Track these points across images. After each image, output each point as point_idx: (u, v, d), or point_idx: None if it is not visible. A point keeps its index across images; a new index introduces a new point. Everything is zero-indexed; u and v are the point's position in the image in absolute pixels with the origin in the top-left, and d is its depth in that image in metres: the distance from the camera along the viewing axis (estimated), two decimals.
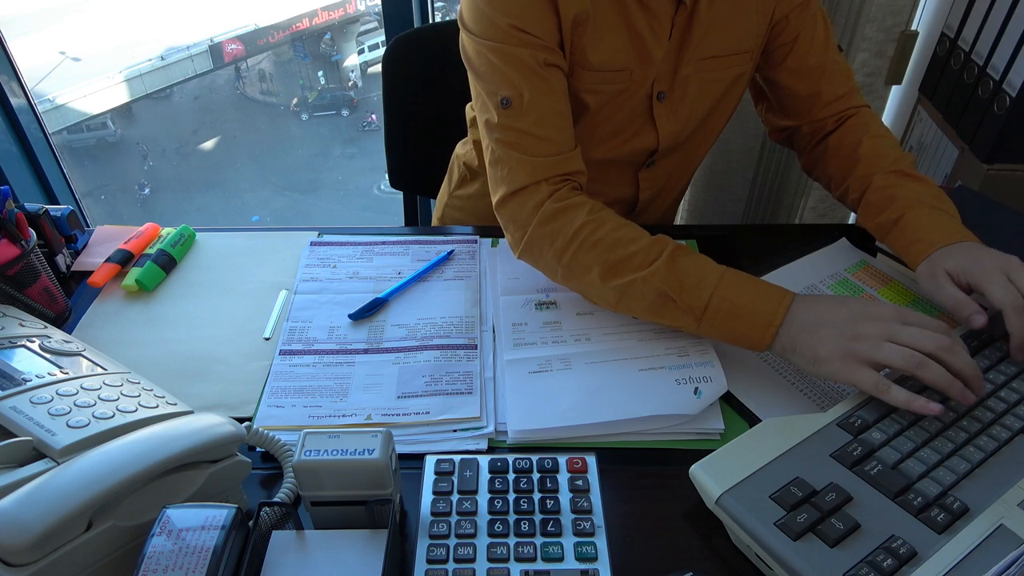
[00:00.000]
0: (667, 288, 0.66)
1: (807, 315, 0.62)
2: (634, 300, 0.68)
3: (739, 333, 0.65)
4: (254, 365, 0.70)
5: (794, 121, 0.87)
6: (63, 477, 0.45)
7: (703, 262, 0.67)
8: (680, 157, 0.90)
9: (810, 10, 0.81)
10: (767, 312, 0.63)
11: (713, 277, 0.65)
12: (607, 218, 0.71)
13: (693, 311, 0.65)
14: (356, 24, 14.70)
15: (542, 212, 0.71)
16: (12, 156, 1.35)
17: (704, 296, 0.65)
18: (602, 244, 0.69)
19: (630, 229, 0.70)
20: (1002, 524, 0.49)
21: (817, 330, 0.61)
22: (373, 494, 0.50)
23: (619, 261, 0.68)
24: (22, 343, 0.60)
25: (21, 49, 11.33)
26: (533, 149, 0.73)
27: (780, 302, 0.63)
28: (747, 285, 0.65)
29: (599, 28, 0.73)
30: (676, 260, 0.67)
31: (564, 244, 0.70)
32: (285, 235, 0.88)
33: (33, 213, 0.77)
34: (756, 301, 0.64)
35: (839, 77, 0.84)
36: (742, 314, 0.64)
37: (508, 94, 0.72)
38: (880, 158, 0.79)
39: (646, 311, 0.68)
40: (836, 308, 0.62)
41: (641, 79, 0.78)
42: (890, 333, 0.58)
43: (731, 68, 0.82)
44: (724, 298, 0.64)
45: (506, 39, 0.71)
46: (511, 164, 0.73)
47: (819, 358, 0.60)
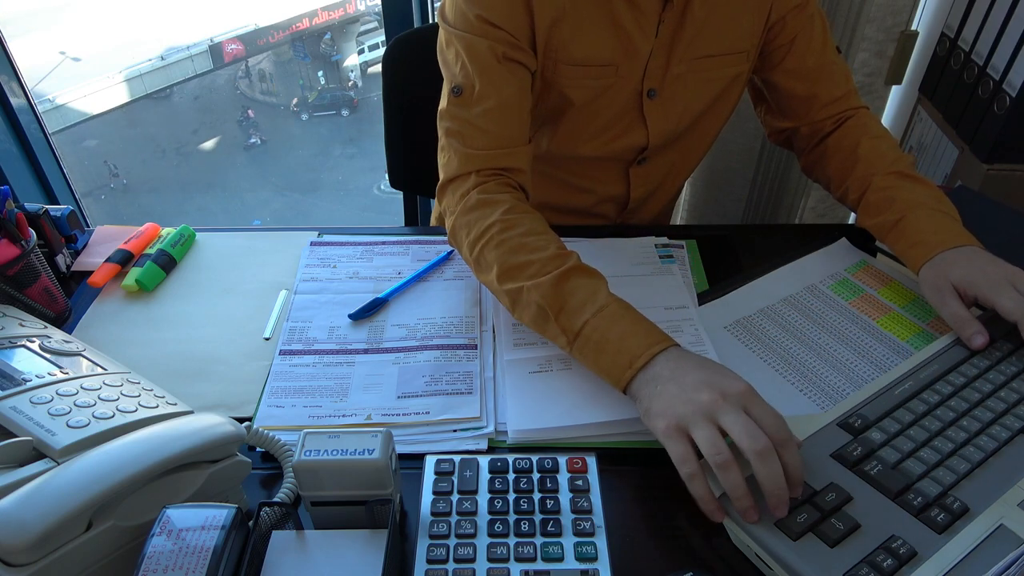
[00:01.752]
0: (546, 305, 0.64)
1: (664, 368, 0.58)
2: (522, 308, 0.66)
3: (602, 367, 0.61)
4: (254, 365, 0.70)
5: (793, 123, 0.87)
6: (63, 477, 0.45)
7: (595, 288, 0.64)
8: (674, 156, 0.90)
9: (808, 11, 0.81)
10: (632, 353, 0.59)
11: (595, 304, 0.62)
12: (522, 221, 0.69)
13: (566, 334, 0.63)
14: (356, 24, 14.71)
15: (464, 202, 0.72)
16: (12, 156, 1.35)
17: (579, 322, 0.62)
18: (506, 245, 0.68)
19: (540, 238, 0.68)
20: (1002, 524, 0.49)
21: (663, 384, 0.57)
22: (373, 494, 0.50)
23: (515, 266, 0.67)
24: (22, 343, 0.60)
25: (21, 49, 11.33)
26: (472, 141, 0.73)
27: (650, 347, 0.59)
28: (624, 321, 0.61)
29: (580, 23, 0.74)
30: (568, 279, 0.64)
31: (475, 238, 0.70)
32: (285, 235, 0.88)
33: (33, 213, 0.77)
34: (627, 338, 0.60)
35: (837, 78, 0.84)
36: (608, 349, 0.60)
37: (461, 83, 0.73)
38: (879, 159, 0.79)
39: (531, 322, 0.67)
40: (692, 369, 0.57)
41: (628, 75, 0.78)
42: (717, 411, 0.53)
43: (726, 68, 0.81)
44: (596, 328, 0.61)
45: (471, 29, 0.72)
46: (450, 153, 0.75)
47: (649, 412, 0.57)
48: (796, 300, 0.77)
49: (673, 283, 0.78)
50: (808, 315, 0.75)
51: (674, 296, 0.76)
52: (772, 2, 0.79)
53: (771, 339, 0.72)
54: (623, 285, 0.78)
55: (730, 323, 0.74)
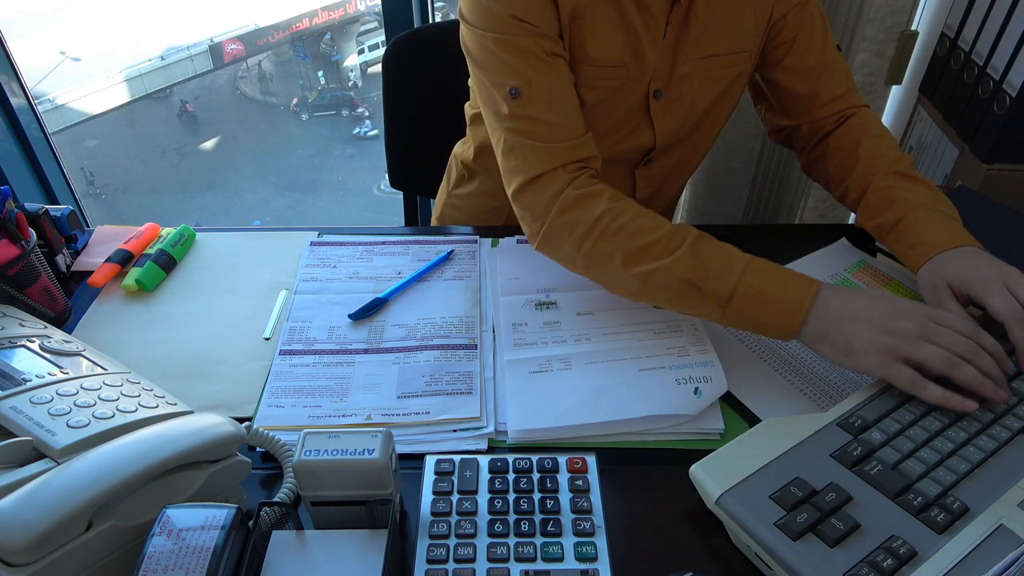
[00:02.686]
0: (692, 276, 0.65)
1: (839, 305, 0.62)
2: (657, 288, 0.68)
3: (766, 321, 0.64)
4: (254, 365, 0.70)
5: (793, 121, 0.87)
6: (63, 477, 0.45)
7: (727, 250, 0.67)
8: (678, 156, 0.90)
9: (808, 9, 0.81)
10: (795, 300, 0.63)
11: (739, 265, 0.65)
12: (627, 206, 0.70)
13: (719, 299, 0.65)
14: (356, 24, 14.71)
15: (561, 200, 0.71)
16: (12, 156, 1.35)
17: (730, 284, 0.64)
18: (623, 232, 0.68)
19: (650, 217, 0.70)
20: (1002, 524, 0.49)
21: (851, 322, 0.61)
22: (373, 494, 0.50)
23: (641, 248, 0.67)
24: (22, 343, 0.60)
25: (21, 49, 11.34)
26: (547, 136, 0.72)
27: (807, 290, 0.63)
28: (773, 272, 0.65)
29: (596, 23, 0.74)
30: (700, 247, 0.66)
31: (584, 232, 0.69)
32: (285, 235, 0.88)
33: (33, 213, 0.77)
34: (783, 288, 0.64)
35: (838, 77, 0.84)
36: (769, 302, 0.64)
37: (516, 83, 0.71)
38: (879, 159, 0.79)
39: (670, 300, 0.68)
40: (870, 302, 0.62)
41: (637, 76, 0.78)
42: (926, 332, 0.59)
43: (730, 67, 0.82)
44: (751, 285, 0.64)
45: (508, 29, 0.71)
46: (525, 153, 0.72)
47: (854, 350, 0.60)
48: None
49: None
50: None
51: None
52: (774, 1, 0.79)
53: (771, 339, 0.72)
54: None
55: None
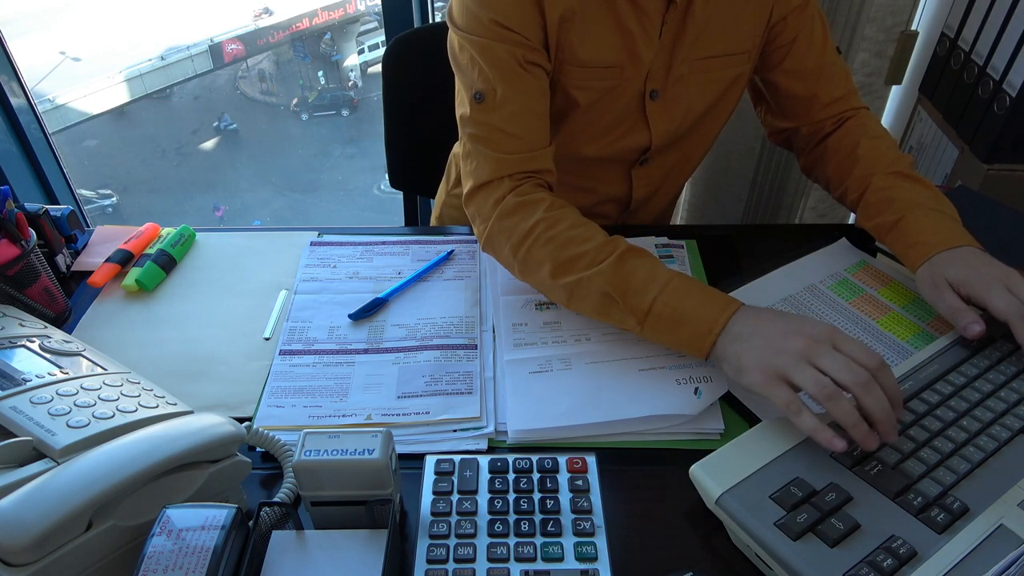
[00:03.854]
0: (611, 289, 0.65)
1: (744, 325, 0.61)
2: (582, 299, 0.68)
3: (680, 339, 0.64)
4: (254, 365, 0.70)
5: (792, 123, 0.87)
6: (63, 477, 0.45)
7: (652, 266, 0.66)
8: (676, 156, 0.90)
9: (808, 12, 0.81)
10: (708, 320, 0.62)
11: (659, 281, 0.64)
12: (564, 216, 0.71)
13: (636, 314, 0.65)
14: (356, 24, 14.71)
15: (502, 206, 0.72)
16: (12, 156, 1.35)
17: (647, 300, 0.64)
18: (555, 241, 0.69)
19: (586, 228, 0.70)
20: (1002, 524, 0.49)
21: (749, 339, 0.59)
22: (373, 494, 0.50)
23: (569, 259, 0.68)
24: (22, 343, 0.60)
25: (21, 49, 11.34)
26: (501, 145, 0.73)
27: (723, 311, 0.62)
28: (692, 291, 0.64)
29: (587, 24, 0.74)
30: (625, 262, 0.66)
31: (519, 239, 0.70)
32: (285, 235, 0.88)
33: (33, 213, 0.77)
34: (699, 308, 0.63)
35: (837, 79, 0.84)
36: (684, 320, 0.63)
37: (482, 88, 0.72)
38: (878, 159, 0.79)
39: (593, 311, 0.68)
40: (773, 321, 0.60)
41: (632, 76, 0.78)
42: (812, 354, 0.56)
43: (728, 69, 0.82)
44: (667, 303, 0.63)
45: (487, 34, 0.71)
46: (479, 159, 0.74)
47: (742, 368, 0.59)
48: (796, 300, 0.77)
49: None
50: (808, 315, 0.74)
51: None
52: (773, 3, 0.79)
53: None
54: None
55: None
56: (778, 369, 0.56)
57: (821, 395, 0.54)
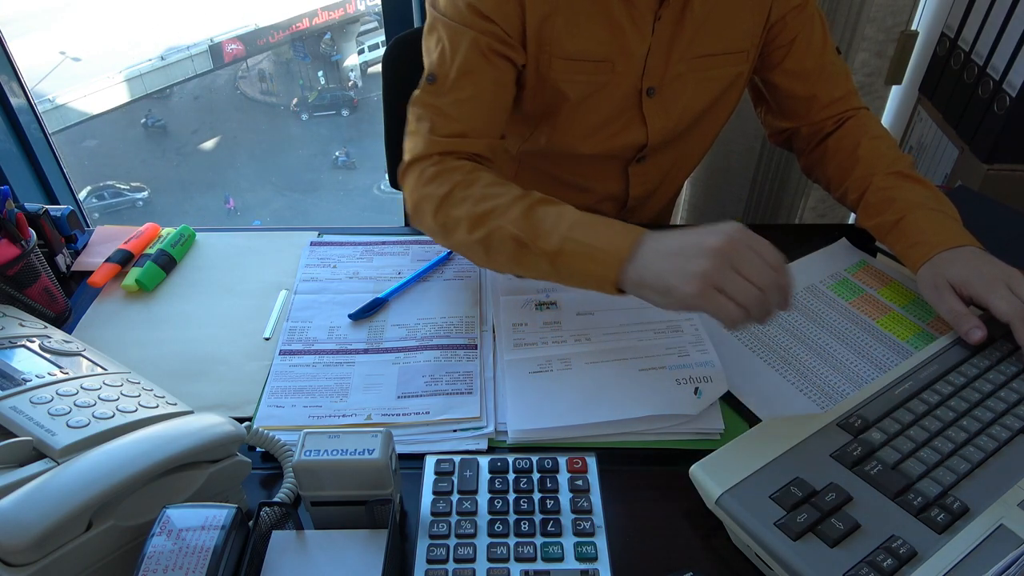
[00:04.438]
0: (521, 233, 0.65)
1: (655, 246, 0.60)
2: (496, 251, 0.68)
3: (591, 274, 0.63)
4: (254, 365, 0.70)
5: (793, 123, 0.87)
6: (63, 477, 0.45)
7: (563, 210, 0.66)
8: (674, 154, 0.90)
9: (807, 12, 0.81)
10: (615, 249, 0.61)
11: (567, 221, 0.64)
12: (481, 176, 0.71)
13: (547, 255, 0.64)
14: (356, 24, 14.71)
15: (424, 174, 0.73)
16: (12, 156, 1.35)
17: (556, 240, 0.64)
18: (471, 199, 0.69)
19: (502, 186, 0.70)
20: (1002, 524, 0.49)
21: (664, 259, 0.59)
22: (373, 494, 0.50)
23: (484, 213, 0.68)
24: (22, 343, 0.60)
25: (21, 49, 11.34)
26: (440, 127, 0.74)
27: (627, 238, 0.61)
28: (599, 226, 0.64)
29: (573, 17, 0.74)
30: (535, 209, 0.66)
31: (438, 203, 0.71)
32: (285, 235, 0.88)
33: (33, 213, 0.77)
34: (605, 239, 0.62)
35: (837, 79, 0.84)
36: (592, 254, 0.62)
37: (435, 71, 0.74)
38: (879, 159, 0.79)
39: (508, 261, 0.68)
40: (680, 236, 0.60)
41: (625, 72, 0.78)
42: (734, 259, 0.56)
43: (727, 67, 0.82)
44: (574, 240, 0.63)
45: (460, 18, 0.72)
46: (418, 138, 0.75)
47: (669, 287, 0.58)
48: (796, 300, 0.77)
49: None
50: (808, 315, 0.75)
51: None
52: (772, 2, 0.79)
53: (771, 339, 0.72)
54: None
55: None
56: (707, 276, 0.56)
57: (750, 304, 0.56)
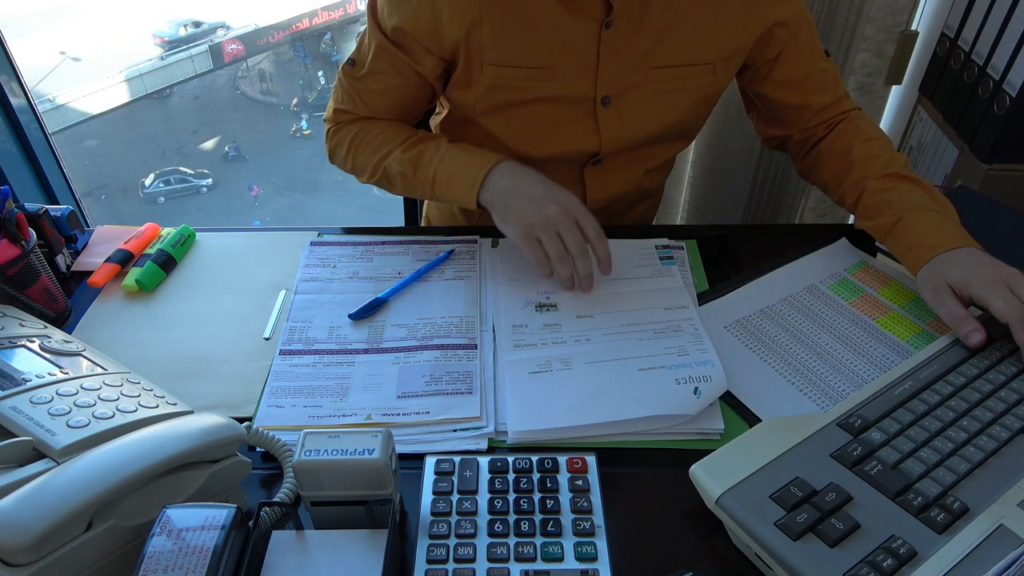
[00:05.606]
0: (404, 170, 0.80)
1: (507, 181, 0.75)
2: (390, 183, 0.84)
3: (456, 195, 0.78)
4: (254, 365, 0.70)
5: (785, 130, 0.87)
6: (63, 477, 0.45)
7: (437, 143, 0.80)
8: (639, 162, 0.89)
9: (793, 22, 0.79)
10: (472, 176, 0.76)
11: (438, 153, 0.79)
12: (375, 123, 0.85)
13: (425, 184, 0.79)
14: (356, 24, 14.69)
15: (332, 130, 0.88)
16: (12, 156, 1.34)
17: (431, 171, 0.78)
18: (371, 145, 0.84)
19: (395, 128, 0.84)
20: (1002, 524, 0.49)
21: (514, 196, 0.74)
22: (373, 494, 0.50)
23: (379, 159, 0.83)
24: (22, 343, 0.60)
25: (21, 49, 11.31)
26: (345, 104, 0.86)
27: (483, 166, 0.76)
28: (461, 154, 0.78)
29: (503, 25, 0.75)
30: (415, 145, 0.81)
31: (345, 152, 0.86)
32: (285, 235, 0.88)
33: (33, 213, 0.77)
34: (466, 167, 0.77)
35: (827, 85, 0.84)
36: (456, 179, 0.77)
37: (356, 58, 0.84)
38: (872, 161, 0.79)
39: (403, 189, 0.84)
40: (532, 184, 0.75)
41: (571, 80, 0.78)
42: (559, 224, 0.72)
43: (691, 79, 0.80)
44: (444, 169, 0.78)
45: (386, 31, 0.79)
46: (332, 102, 0.88)
47: (507, 220, 0.75)
48: (796, 300, 0.77)
49: (673, 284, 0.78)
50: (808, 315, 0.75)
51: (674, 296, 0.76)
52: (752, 17, 0.77)
53: (771, 339, 0.72)
54: (624, 286, 0.78)
55: (730, 323, 0.74)
56: (535, 230, 0.73)
57: (555, 259, 0.73)
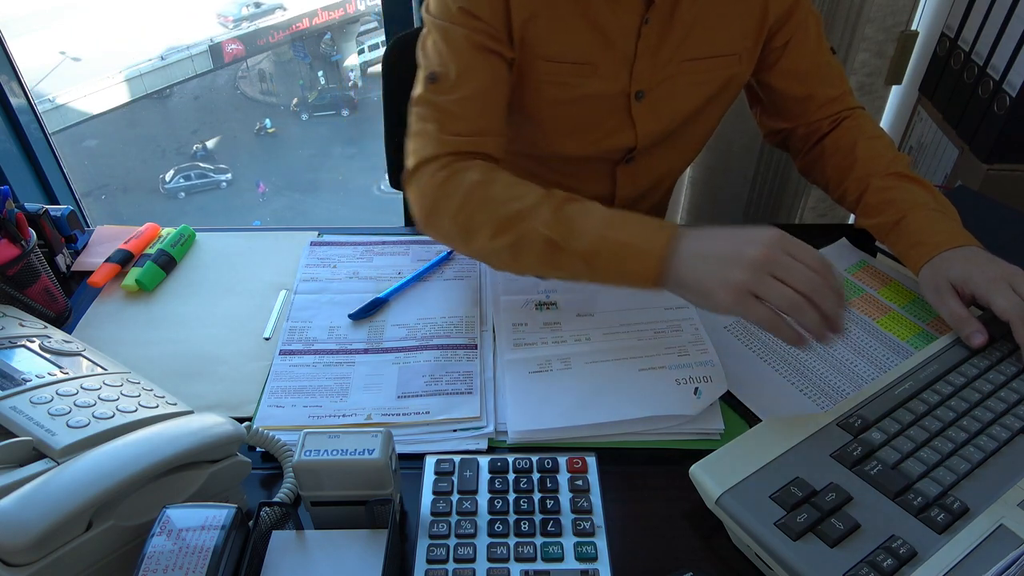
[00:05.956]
0: (553, 234, 0.64)
1: (693, 246, 0.60)
2: (527, 254, 0.66)
3: (629, 271, 0.63)
4: (254, 365, 0.70)
5: (789, 123, 0.87)
6: (63, 477, 0.45)
7: (592, 208, 0.65)
8: (663, 157, 0.89)
9: (802, 12, 0.80)
10: (651, 248, 0.61)
11: (598, 219, 0.64)
12: (499, 176, 0.70)
13: (582, 255, 0.64)
14: (356, 24, 14.70)
15: (436, 177, 0.71)
16: (12, 156, 1.35)
17: (590, 238, 0.63)
18: (494, 202, 0.68)
19: (523, 186, 0.68)
20: (1002, 524, 0.49)
21: (703, 262, 0.59)
22: (373, 494, 0.50)
23: (509, 217, 0.66)
24: (22, 343, 0.60)
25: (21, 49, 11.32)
26: (448, 126, 0.73)
27: (662, 235, 0.61)
28: (632, 222, 0.63)
29: (555, 20, 0.74)
30: (563, 208, 0.65)
31: (458, 207, 0.69)
32: (285, 235, 0.88)
33: (33, 213, 0.77)
34: (640, 237, 0.62)
35: (833, 79, 0.84)
36: (628, 252, 0.62)
37: (437, 70, 0.73)
38: (876, 159, 0.79)
39: (541, 264, 0.67)
40: (719, 239, 0.60)
41: (611, 75, 0.77)
42: (772, 265, 0.57)
43: (719, 70, 0.81)
44: (609, 238, 0.63)
45: (451, 18, 0.72)
46: (426, 138, 0.73)
47: (707, 291, 0.59)
48: None
49: None
50: None
51: (675, 296, 0.76)
52: (767, 5, 0.78)
53: (771, 339, 0.72)
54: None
55: (730, 323, 0.74)
56: (745, 285, 0.57)
57: (790, 309, 0.56)
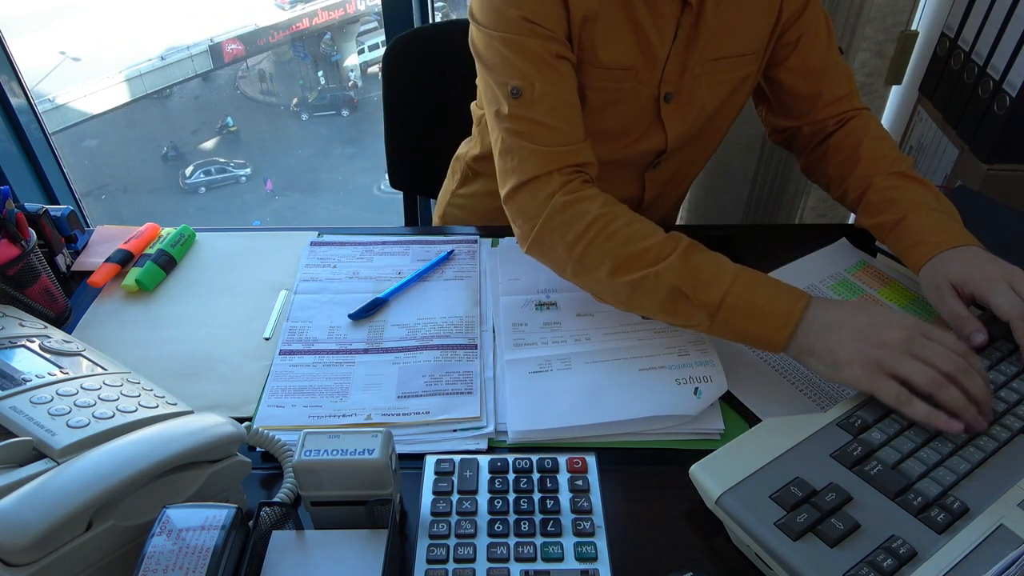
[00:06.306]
0: (680, 283, 0.64)
1: (826, 317, 0.61)
2: (646, 297, 0.67)
3: (754, 333, 0.63)
4: (254, 365, 0.70)
5: (795, 122, 0.87)
6: (63, 477, 0.45)
7: (718, 259, 0.66)
8: (685, 158, 0.90)
9: (814, 10, 0.81)
10: (783, 312, 0.62)
11: (728, 274, 0.64)
12: (620, 212, 0.70)
13: (707, 308, 0.64)
14: (356, 24, 14.69)
15: (553, 203, 0.70)
16: (12, 156, 1.35)
17: (719, 293, 0.63)
18: (615, 238, 0.68)
19: (644, 224, 0.69)
20: (1002, 524, 0.49)
21: (838, 332, 0.60)
22: (373, 494, 0.50)
23: (632, 256, 0.67)
24: (22, 343, 0.60)
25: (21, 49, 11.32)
26: (545, 139, 0.72)
27: (796, 302, 0.62)
28: (763, 284, 0.64)
29: (608, 25, 0.73)
30: (691, 256, 0.66)
31: (576, 237, 0.69)
32: (285, 235, 0.88)
33: (33, 213, 0.77)
34: (772, 300, 0.63)
35: (840, 78, 0.84)
36: (758, 313, 0.63)
37: (519, 84, 0.71)
38: (880, 159, 0.79)
39: (658, 308, 0.67)
40: (857, 313, 0.61)
41: (647, 79, 0.78)
42: (914, 347, 0.57)
43: (737, 70, 0.81)
44: (739, 296, 0.63)
45: (516, 30, 0.71)
46: (522, 154, 0.72)
47: (838, 362, 0.59)
48: None
49: None
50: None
51: None
52: (781, 3, 0.79)
53: None
54: None
55: None
56: (882, 363, 0.57)
57: (932, 386, 0.55)
